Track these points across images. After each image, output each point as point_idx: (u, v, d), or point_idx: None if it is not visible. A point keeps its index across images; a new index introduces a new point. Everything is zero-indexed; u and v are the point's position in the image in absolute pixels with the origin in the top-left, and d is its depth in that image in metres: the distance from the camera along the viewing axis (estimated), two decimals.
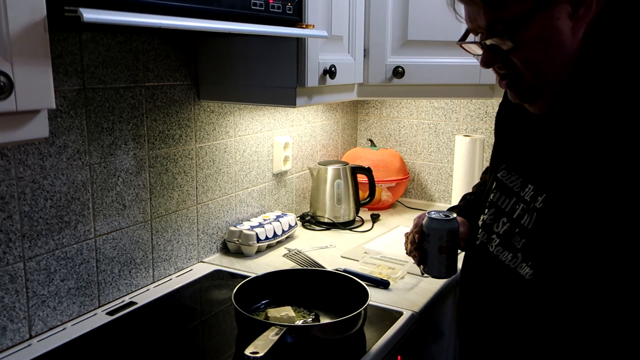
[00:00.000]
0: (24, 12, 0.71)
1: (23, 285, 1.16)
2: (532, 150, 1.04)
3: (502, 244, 1.03)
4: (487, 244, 1.06)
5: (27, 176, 1.15)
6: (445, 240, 1.13)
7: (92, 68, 1.26)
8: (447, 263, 1.14)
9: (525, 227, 0.99)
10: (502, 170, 1.08)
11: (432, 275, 1.19)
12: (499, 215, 1.06)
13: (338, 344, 1.14)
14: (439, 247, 1.14)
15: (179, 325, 1.28)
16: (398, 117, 2.34)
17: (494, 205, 1.08)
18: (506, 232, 1.03)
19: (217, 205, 1.67)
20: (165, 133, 1.46)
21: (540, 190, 0.99)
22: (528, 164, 1.04)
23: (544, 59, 0.90)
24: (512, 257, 1.00)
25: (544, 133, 1.01)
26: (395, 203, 2.28)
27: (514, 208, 1.03)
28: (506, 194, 1.06)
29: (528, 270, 0.97)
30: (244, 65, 1.46)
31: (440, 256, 1.14)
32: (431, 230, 1.15)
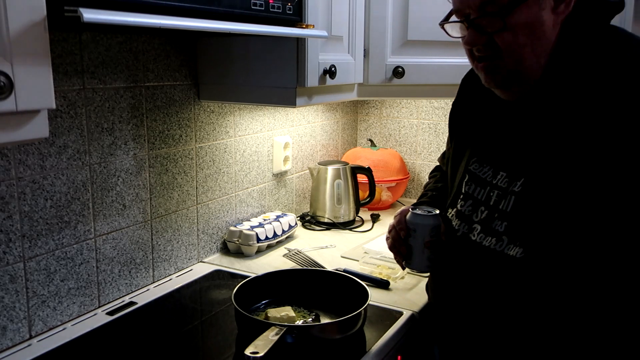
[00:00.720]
0: (24, 12, 0.71)
1: (23, 285, 1.16)
2: (500, 141, 1.09)
3: (484, 231, 1.07)
4: (468, 234, 1.10)
5: (27, 176, 1.15)
6: (430, 236, 1.15)
7: (92, 68, 1.26)
8: (432, 257, 1.17)
9: (504, 211, 1.04)
10: (474, 164, 1.13)
11: (418, 270, 1.23)
12: (477, 205, 1.10)
13: (338, 344, 1.14)
14: (425, 242, 1.16)
15: (179, 325, 1.28)
16: (398, 117, 2.34)
17: (470, 197, 1.12)
18: (485, 219, 1.07)
19: (217, 205, 1.67)
20: (165, 133, 1.46)
21: (515, 175, 1.03)
22: (498, 153, 1.09)
23: (527, 44, 0.96)
24: (497, 240, 1.04)
25: (513, 123, 1.06)
26: (395, 203, 2.28)
27: (489, 196, 1.08)
28: (480, 185, 1.11)
29: (518, 250, 1.00)
30: (244, 65, 1.46)
31: (426, 251, 1.16)
32: (417, 227, 1.16)
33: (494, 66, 1.00)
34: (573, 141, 0.94)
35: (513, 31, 0.95)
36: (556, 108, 0.98)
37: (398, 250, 1.21)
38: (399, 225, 1.19)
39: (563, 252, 0.95)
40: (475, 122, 1.17)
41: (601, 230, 0.93)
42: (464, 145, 1.18)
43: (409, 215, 1.18)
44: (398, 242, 1.20)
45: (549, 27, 0.96)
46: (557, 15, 0.96)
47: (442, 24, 1.06)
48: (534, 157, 1.00)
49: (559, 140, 0.96)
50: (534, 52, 0.97)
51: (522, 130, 1.04)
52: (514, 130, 1.06)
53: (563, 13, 0.97)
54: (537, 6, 0.94)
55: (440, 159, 1.45)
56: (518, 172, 1.03)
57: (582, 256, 0.94)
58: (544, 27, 0.95)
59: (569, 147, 0.95)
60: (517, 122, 1.06)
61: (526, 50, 0.96)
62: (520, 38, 0.95)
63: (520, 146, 1.04)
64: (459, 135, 1.22)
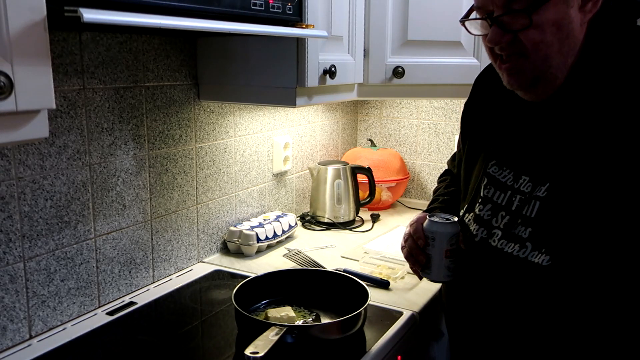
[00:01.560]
0: (24, 12, 0.71)
1: (23, 285, 1.16)
2: (521, 144, 1.05)
3: (505, 236, 1.04)
4: (487, 240, 1.07)
5: (27, 176, 1.15)
6: (449, 244, 1.11)
7: (92, 68, 1.26)
8: (452, 266, 1.13)
9: (528, 216, 1.00)
10: (493, 167, 1.09)
11: (437, 280, 1.17)
12: (497, 209, 1.07)
13: (338, 344, 1.14)
14: (444, 251, 1.11)
15: (179, 325, 1.28)
16: (398, 117, 2.34)
17: (489, 201, 1.09)
18: (507, 224, 1.04)
19: (217, 205, 1.67)
20: (165, 133, 1.46)
21: (539, 180, 1.00)
22: (519, 157, 1.05)
23: (554, 43, 0.93)
24: (520, 247, 1.01)
25: (535, 125, 1.03)
26: (395, 203, 2.28)
27: (511, 201, 1.04)
28: (500, 189, 1.07)
29: (544, 257, 0.97)
30: (244, 65, 1.46)
31: (446, 260, 1.12)
32: (436, 235, 1.12)
33: (518, 66, 0.96)
34: (601, 145, 0.92)
35: (540, 29, 0.91)
36: (583, 110, 0.95)
37: (416, 259, 1.15)
38: (416, 233, 1.14)
39: (591, 259, 0.93)
40: (492, 123, 1.13)
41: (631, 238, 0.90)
42: (480, 148, 1.15)
43: (426, 223, 1.13)
44: (416, 251, 1.15)
45: (576, 26, 0.93)
46: (585, 13, 0.93)
47: (462, 20, 1.02)
48: (559, 161, 0.97)
49: (586, 144, 0.93)
50: (560, 51, 0.94)
51: (545, 133, 1.01)
52: (537, 133, 1.03)
53: (590, 12, 0.93)
54: (564, 4, 0.91)
55: (450, 161, 1.43)
56: (542, 176, 0.99)
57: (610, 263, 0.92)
58: (572, 26, 0.92)
59: (597, 151, 0.92)
60: (539, 124, 1.02)
61: (553, 50, 0.93)
62: (547, 36, 0.92)
63: (543, 149, 1.00)
64: (474, 137, 1.18)
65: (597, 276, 0.93)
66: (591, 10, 0.93)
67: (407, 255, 1.18)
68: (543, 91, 0.99)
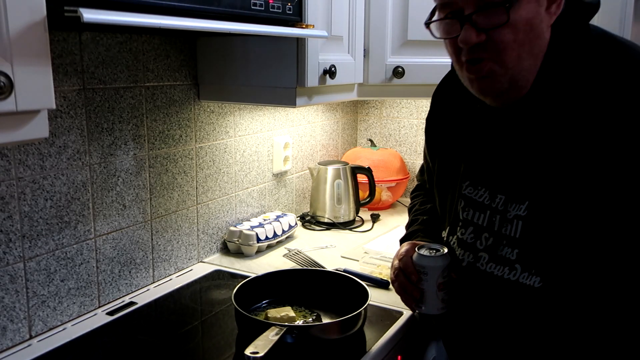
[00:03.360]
0: (24, 12, 0.71)
1: (23, 285, 1.16)
2: (492, 160, 1.02)
3: (493, 259, 1.01)
4: (475, 264, 1.04)
5: (27, 176, 1.15)
6: (442, 277, 1.07)
7: (92, 68, 1.26)
8: (446, 298, 1.10)
9: (512, 237, 0.98)
10: (468, 187, 1.06)
11: (432, 313, 1.12)
12: (479, 231, 1.04)
13: (338, 344, 1.14)
14: (438, 285, 1.08)
15: (179, 325, 1.28)
16: (398, 117, 2.34)
17: (470, 224, 1.05)
18: (491, 246, 1.02)
19: (217, 205, 1.67)
20: (165, 133, 1.46)
21: (516, 198, 0.97)
22: (492, 174, 1.02)
23: (526, 43, 0.89)
24: (510, 269, 0.99)
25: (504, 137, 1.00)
26: (395, 203, 2.28)
27: (492, 221, 1.01)
28: (479, 209, 1.04)
29: (535, 279, 0.95)
30: (244, 65, 1.46)
31: (440, 293, 1.09)
32: (428, 269, 1.08)
33: (491, 70, 0.91)
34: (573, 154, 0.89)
35: (514, 27, 0.87)
36: (551, 116, 0.92)
37: (410, 294, 1.11)
38: (407, 269, 1.10)
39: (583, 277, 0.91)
40: (459, 141, 1.09)
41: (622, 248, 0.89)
42: (451, 168, 1.11)
43: (416, 257, 1.09)
44: (409, 287, 1.10)
45: (546, 27, 0.91)
46: (550, 15, 0.91)
47: (428, 23, 0.96)
48: (534, 176, 0.94)
49: (558, 154, 0.91)
50: (531, 52, 0.91)
51: (515, 145, 0.97)
52: (507, 146, 0.99)
53: (555, 14, 0.91)
54: (536, 2, 0.88)
55: (419, 175, 1.38)
56: (520, 194, 0.96)
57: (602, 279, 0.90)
58: (542, 26, 0.90)
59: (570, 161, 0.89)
60: (508, 135, 0.99)
61: (525, 50, 0.89)
62: (520, 35, 0.87)
63: (516, 164, 0.97)
64: (443, 157, 1.14)
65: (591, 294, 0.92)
66: (555, 12, 0.91)
67: (399, 290, 1.14)
68: (514, 96, 0.95)
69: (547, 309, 0.95)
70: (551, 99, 0.93)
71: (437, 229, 1.20)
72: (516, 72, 0.91)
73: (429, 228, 1.23)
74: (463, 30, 0.89)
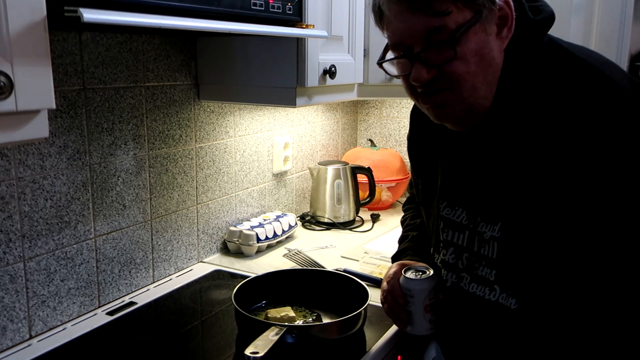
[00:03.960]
0: (24, 12, 0.71)
1: (23, 285, 1.16)
2: (464, 180, 1.02)
3: (474, 279, 1.02)
4: (458, 284, 1.05)
5: (27, 176, 1.15)
6: (429, 299, 1.09)
7: (92, 68, 1.26)
8: (433, 319, 1.11)
9: (490, 257, 0.98)
10: (446, 209, 1.06)
11: (421, 333, 1.13)
12: (460, 252, 1.04)
13: (338, 344, 1.14)
14: (424, 307, 1.09)
15: (179, 325, 1.28)
16: (398, 117, 2.34)
17: (450, 244, 1.06)
18: (471, 266, 1.02)
19: (217, 205, 1.67)
20: (165, 133, 1.46)
21: (490, 219, 0.97)
22: (467, 195, 1.02)
23: (479, 72, 0.89)
24: (490, 290, 0.99)
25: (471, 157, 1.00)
26: (395, 203, 2.28)
27: (472, 241, 1.02)
28: (458, 230, 1.04)
29: (511, 300, 0.96)
30: (244, 65, 1.46)
31: (427, 314, 1.10)
32: (414, 292, 1.09)
33: (446, 100, 0.91)
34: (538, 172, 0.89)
35: (464, 60, 0.86)
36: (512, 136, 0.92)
37: (398, 316, 1.13)
38: (394, 292, 1.11)
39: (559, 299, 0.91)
40: (433, 159, 1.10)
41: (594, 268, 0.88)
42: (430, 185, 1.11)
43: (402, 280, 1.10)
44: (397, 309, 1.12)
45: (497, 53, 0.90)
46: (502, 40, 0.90)
47: (380, 62, 0.96)
48: (504, 197, 0.94)
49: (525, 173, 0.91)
50: (485, 80, 0.90)
51: (483, 166, 0.98)
52: (476, 167, 0.99)
53: (507, 37, 0.91)
54: (483, 32, 0.87)
55: (409, 188, 1.39)
56: (493, 215, 0.97)
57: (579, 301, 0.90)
58: (492, 54, 0.89)
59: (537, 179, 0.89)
60: (476, 157, 0.99)
61: (478, 79, 0.89)
62: (472, 66, 0.87)
63: (486, 185, 0.97)
64: (423, 173, 1.15)
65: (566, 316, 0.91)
66: (507, 36, 0.90)
67: (388, 312, 1.15)
68: (473, 121, 0.95)
69: (523, 330, 0.96)
70: (509, 119, 0.93)
71: (427, 244, 1.20)
72: (472, 100, 0.91)
73: (419, 245, 1.24)
74: (414, 68, 0.89)
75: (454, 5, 0.84)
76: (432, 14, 0.85)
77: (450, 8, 0.84)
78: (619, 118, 0.85)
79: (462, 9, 0.85)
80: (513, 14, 0.89)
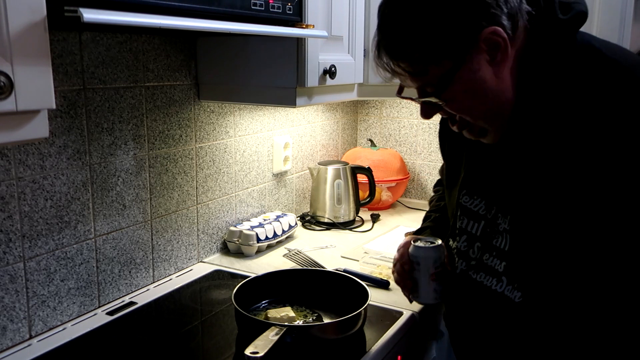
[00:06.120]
0: (24, 12, 0.71)
1: (23, 285, 1.16)
2: (487, 173, 1.04)
3: (483, 269, 1.04)
4: (467, 272, 1.07)
5: (27, 176, 1.15)
6: (434, 267, 1.13)
7: (92, 68, 1.26)
8: (439, 289, 1.14)
9: (501, 249, 1.00)
10: (464, 196, 1.08)
11: (426, 302, 1.19)
12: (472, 241, 1.06)
13: (338, 344, 1.14)
14: (429, 275, 1.13)
15: (179, 325, 1.28)
16: (398, 117, 2.34)
17: (464, 232, 1.08)
18: (482, 256, 1.04)
19: (217, 205, 1.67)
20: (165, 133, 1.46)
21: (504, 211, 0.99)
22: (487, 186, 1.04)
23: (475, 105, 0.93)
24: (497, 281, 1.01)
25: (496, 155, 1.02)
26: (395, 203, 2.28)
27: (485, 231, 1.04)
28: (473, 219, 1.06)
29: (517, 294, 0.97)
30: (244, 65, 1.46)
31: (432, 283, 1.14)
32: (420, 260, 1.13)
33: (462, 124, 0.98)
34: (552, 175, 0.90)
35: (455, 101, 0.92)
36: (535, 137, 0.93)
37: (404, 283, 1.18)
38: (402, 259, 1.17)
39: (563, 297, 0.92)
40: (459, 147, 1.12)
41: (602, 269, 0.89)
42: (454, 172, 1.14)
43: (411, 248, 1.15)
44: (403, 276, 1.17)
45: (492, 81, 0.91)
46: (498, 64, 0.91)
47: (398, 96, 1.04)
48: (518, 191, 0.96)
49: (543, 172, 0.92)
50: (486, 107, 0.93)
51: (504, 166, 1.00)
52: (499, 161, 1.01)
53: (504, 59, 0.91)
54: (469, 72, 0.89)
55: (440, 171, 1.41)
56: (506, 207, 0.99)
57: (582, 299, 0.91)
58: (487, 84, 0.91)
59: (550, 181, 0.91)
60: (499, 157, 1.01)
61: (478, 110, 0.93)
62: (465, 103, 0.93)
63: (505, 178, 0.99)
64: (449, 160, 1.17)
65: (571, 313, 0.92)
66: (504, 58, 0.90)
67: (397, 280, 1.20)
68: (494, 137, 0.98)
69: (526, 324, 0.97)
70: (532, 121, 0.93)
71: (446, 227, 1.22)
72: (483, 124, 0.96)
73: (438, 226, 1.27)
74: (420, 106, 0.98)
75: (431, 65, 0.90)
76: (413, 76, 0.93)
77: (428, 68, 0.90)
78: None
79: (441, 63, 0.89)
80: (504, 37, 0.88)
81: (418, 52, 0.89)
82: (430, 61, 0.89)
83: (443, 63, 0.89)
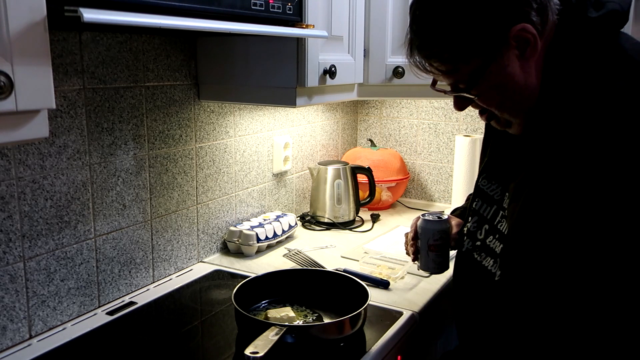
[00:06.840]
0: (24, 12, 0.71)
1: (23, 285, 1.16)
2: (508, 161, 1.07)
3: (485, 250, 1.07)
4: (472, 252, 1.10)
5: (27, 176, 1.15)
6: (434, 240, 1.25)
7: (92, 68, 1.26)
8: (438, 260, 1.26)
9: (503, 233, 1.03)
10: (483, 180, 1.13)
11: (425, 270, 1.32)
12: (482, 222, 1.10)
13: (338, 344, 1.14)
14: (428, 246, 1.26)
15: (179, 325, 1.28)
16: (398, 117, 2.34)
17: (476, 214, 1.12)
18: (487, 238, 1.08)
19: (217, 205, 1.67)
20: (165, 133, 1.46)
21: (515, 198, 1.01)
22: (505, 173, 1.07)
23: (504, 99, 0.96)
24: (494, 262, 1.04)
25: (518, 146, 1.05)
26: (395, 203, 2.28)
27: (495, 215, 1.07)
28: (487, 202, 1.10)
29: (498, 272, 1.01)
30: (244, 65, 1.46)
31: (430, 253, 1.25)
32: (422, 230, 1.27)
33: (490, 116, 1.02)
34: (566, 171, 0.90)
35: (486, 95, 0.96)
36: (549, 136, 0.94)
37: (407, 249, 1.36)
38: (411, 227, 1.34)
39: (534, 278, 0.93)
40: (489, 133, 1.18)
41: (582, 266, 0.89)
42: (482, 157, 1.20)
43: (419, 219, 1.29)
44: (409, 243, 1.35)
45: (520, 75, 0.93)
46: (527, 59, 0.93)
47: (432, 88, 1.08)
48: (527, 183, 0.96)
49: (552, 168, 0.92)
50: (513, 101, 0.96)
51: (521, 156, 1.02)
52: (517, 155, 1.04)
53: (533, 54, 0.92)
54: (498, 68, 0.92)
55: None
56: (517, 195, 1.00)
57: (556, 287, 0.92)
58: (515, 78, 0.93)
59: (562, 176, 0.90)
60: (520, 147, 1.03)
61: (506, 104, 0.97)
62: (495, 98, 0.96)
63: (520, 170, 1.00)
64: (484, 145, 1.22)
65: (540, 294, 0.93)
66: (532, 53, 0.92)
67: (405, 245, 1.37)
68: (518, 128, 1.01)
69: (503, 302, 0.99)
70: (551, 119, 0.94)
71: None
72: (509, 116, 0.99)
73: None
74: (453, 99, 1.02)
75: (461, 63, 0.94)
76: (446, 74, 0.97)
77: (459, 66, 0.94)
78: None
79: (471, 62, 0.93)
80: (534, 33, 0.90)
81: (447, 52, 0.93)
82: (460, 60, 0.93)
83: (473, 61, 0.93)
